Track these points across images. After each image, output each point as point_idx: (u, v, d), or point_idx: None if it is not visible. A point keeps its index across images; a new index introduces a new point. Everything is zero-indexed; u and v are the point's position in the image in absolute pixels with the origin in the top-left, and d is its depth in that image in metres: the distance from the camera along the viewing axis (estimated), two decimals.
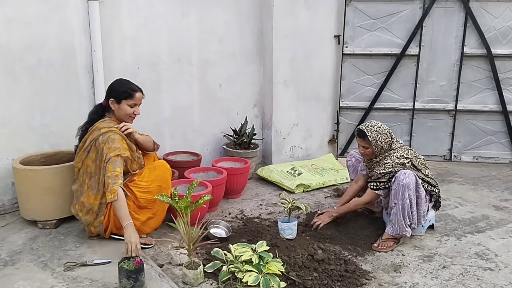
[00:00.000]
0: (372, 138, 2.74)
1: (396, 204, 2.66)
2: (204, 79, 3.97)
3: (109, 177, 2.47)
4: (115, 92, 2.66)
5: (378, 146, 2.76)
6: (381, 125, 2.81)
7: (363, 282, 2.34)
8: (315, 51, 4.30)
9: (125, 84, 2.68)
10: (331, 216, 2.88)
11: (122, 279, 2.11)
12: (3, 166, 3.04)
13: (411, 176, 2.63)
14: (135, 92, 2.66)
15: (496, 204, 3.50)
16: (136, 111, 2.70)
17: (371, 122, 2.83)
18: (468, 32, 4.25)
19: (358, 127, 2.85)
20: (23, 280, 2.23)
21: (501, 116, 4.42)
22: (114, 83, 2.72)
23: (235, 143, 3.97)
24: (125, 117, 2.68)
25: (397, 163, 2.72)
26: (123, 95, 2.63)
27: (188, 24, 3.77)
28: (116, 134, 2.57)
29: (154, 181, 2.66)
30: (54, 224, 2.83)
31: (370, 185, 2.79)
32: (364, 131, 2.77)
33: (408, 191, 2.62)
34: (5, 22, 2.92)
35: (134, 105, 2.68)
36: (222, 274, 2.16)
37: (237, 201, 3.50)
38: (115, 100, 2.65)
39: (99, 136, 2.57)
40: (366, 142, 2.79)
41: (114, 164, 2.49)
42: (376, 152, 2.79)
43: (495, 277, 2.42)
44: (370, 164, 2.90)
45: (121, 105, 2.64)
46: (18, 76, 3.02)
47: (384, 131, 2.77)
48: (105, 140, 2.53)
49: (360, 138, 2.82)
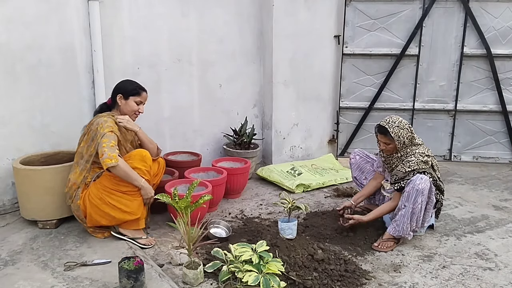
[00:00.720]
0: (395, 133, 2.70)
1: (406, 207, 2.63)
2: (204, 79, 3.98)
3: (104, 147, 2.53)
4: (123, 88, 2.79)
5: (400, 141, 2.71)
6: (402, 120, 2.76)
7: (363, 282, 2.34)
8: (315, 51, 4.30)
9: (133, 83, 2.83)
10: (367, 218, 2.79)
11: (122, 279, 2.12)
12: (3, 166, 3.04)
13: (426, 182, 2.60)
14: (143, 91, 2.83)
15: (496, 204, 3.50)
16: (141, 109, 2.83)
17: (391, 117, 2.78)
18: (468, 32, 4.26)
19: (378, 123, 2.80)
20: (23, 280, 2.24)
21: (500, 116, 4.43)
22: (123, 81, 2.85)
23: (235, 143, 3.97)
24: (130, 113, 2.80)
25: (421, 160, 2.68)
26: (132, 92, 2.78)
27: (188, 24, 3.78)
28: (109, 119, 2.67)
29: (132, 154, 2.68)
30: (54, 224, 2.83)
31: (396, 186, 2.73)
32: (385, 127, 2.73)
33: (422, 196, 2.60)
34: (5, 22, 2.92)
35: (140, 103, 2.82)
36: (222, 274, 2.16)
37: (237, 201, 3.51)
38: (123, 96, 2.77)
39: (95, 120, 2.67)
40: (388, 138, 2.74)
41: (109, 137, 2.58)
42: (398, 148, 2.75)
43: (495, 277, 2.42)
44: (390, 160, 2.84)
45: (128, 101, 2.78)
46: (18, 76, 3.02)
47: (406, 125, 2.74)
48: (99, 122, 2.64)
49: (382, 135, 2.78)
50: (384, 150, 2.83)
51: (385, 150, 2.84)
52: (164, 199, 2.35)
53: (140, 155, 2.66)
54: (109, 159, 2.50)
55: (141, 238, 2.68)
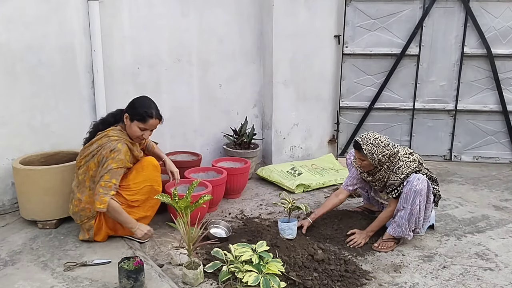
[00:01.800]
0: (368, 151, 2.65)
1: (405, 208, 2.62)
2: (204, 79, 3.97)
3: (101, 186, 2.49)
4: (131, 109, 2.62)
5: (374, 159, 2.66)
6: (379, 137, 2.69)
7: (363, 282, 2.33)
8: (315, 51, 4.30)
9: (145, 106, 2.60)
10: (367, 236, 2.76)
11: (122, 279, 2.11)
12: (3, 166, 3.04)
13: (424, 182, 2.59)
14: (150, 118, 2.59)
15: (496, 204, 3.50)
16: (145, 135, 2.64)
17: (368, 134, 2.73)
18: (468, 32, 4.25)
19: (355, 138, 2.76)
20: (23, 280, 2.23)
21: (501, 116, 4.42)
22: (137, 99, 2.67)
23: (235, 143, 3.97)
24: (133, 137, 2.65)
25: (409, 161, 2.67)
26: (137, 116, 2.58)
27: (188, 24, 3.77)
28: (123, 145, 2.55)
29: (144, 181, 2.63)
30: (54, 224, 2.83)
31: (393, 195, 2.70)
32: (359, 143, 2.69)
33: (420, 197, 2.59)
34: (5, 22, 2.91)
35: (144, 129, 2.62)
36: (222, 274, 2.16)
37: (237, 201, 3.50)
38: (129, 117, 2.61)
39: (108, 143, 2.55)
40: (361, 155, 2.70)
41: (112, 174, 2.50)
42: (374, 164, 2.70)
43: (495, 277, 2.42)
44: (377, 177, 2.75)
45: (132, 124, 2.60)
46: (18, 76, 3.02)
47: (381, 144, 2.66)
48: (112, 147, 2.52)
49: (356, 150, 2.74)
50: (360, 165, 2.78)
51: (361, 166, 2.78)
52: (164, 200, 2.35)
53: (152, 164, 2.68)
54: (99, 203, 2.47)
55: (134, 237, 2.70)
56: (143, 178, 2.64)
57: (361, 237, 2.74)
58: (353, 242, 2.73)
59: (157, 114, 2.63)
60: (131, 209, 2.63)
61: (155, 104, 2.67)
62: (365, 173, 2.84)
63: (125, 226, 2.59)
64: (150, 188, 2.65)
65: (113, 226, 2.63)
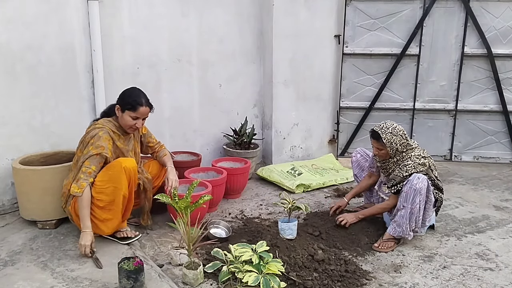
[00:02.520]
0: (387, 140, 2.68)
1: (405, 208, 2.63)
2: (204, 79, 3.97)
3: (82, 172, 2.51)
4: (121, 100, 2.66)
5: (393, 148, 2.69)
6: (396, 126, 2.73)
7: (363, 282, 2.33)
8: (315, 51, 4.30)
9: (134, 95, 2.64)
10: (357, 217, 2.85)
11: (122, 279, 2.11)
12: (3, 166, 3.04)
13: (424, 182, 2.59)
14: (140, 106, 2.61)
15: (497, 204, 3.49)
16: (138, 123, 2.65)
17: (386, 123, 2.76)
18: (469, 32, 4.25)
19: (372, 128, 2.78)
20: (23, 280, 2.23)
21: (501, 116, 4.42)
22: (126, 90, 2.71)
23: (235, 143, 3.97)
24: (126, 128, 2.67)
25: (418, 163, 2.67)
26: (127, 106, 2.61)
27: (188, 24, 3.77)
28: (105, 133, 2.58)
29: (108, 181, 2.53)
30: (54, 224, 2.83)
31: (393, 190, 2.73)
32: (378, 133, 2.71)
33: (420, 196, 2.59)
34: (5, 22, 2.91)
35: (136, 118, 2.63)
36: (222, 274, 2.16)
37: (237, 201, 3.50)
38: (120, 108, 2.64)
39: (92, 130, 2.61)
40: (380, 144, 2.72)
41: (92, 161, 2.52)
42: (391, 154, 2.73)
43: (496, 277, 2.41)
44: (386, 165, 2.82)
45: (124, 115, 2.63)
46: (18, 76, 3.02)
47: (399, 132, 2.70)
48: (93, 135, 2.56)
49: (374, 140, 2.76)
50: (377, 155, 2.82)
51: (378, 155, 2.82)
52: (164, 200, 2.34)
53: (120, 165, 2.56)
54: (77, 188, 2.47)
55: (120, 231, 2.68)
56: (107, 178, 2.55)
57: (349, 217, 2.84)
58: (341, 219, 2.84)
59: (147, 102, 2.66)
60: (96, 209, 2.55)
61: (144, 94, 2.70)
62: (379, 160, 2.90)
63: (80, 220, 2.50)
64: (114, 190, 2.53)
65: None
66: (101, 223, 2.57)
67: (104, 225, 2.58)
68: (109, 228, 2.60)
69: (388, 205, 2.80)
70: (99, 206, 2.55)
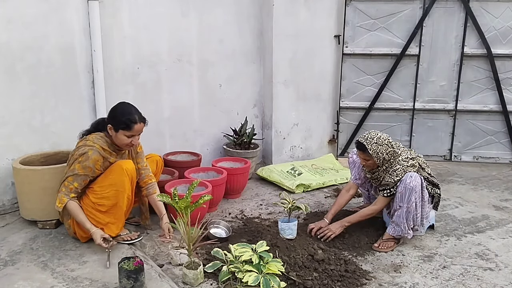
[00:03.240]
0: (373, 151, 2.65)
1: (401, 207, 2.63)
2: (204, 79, 3.97)
3: (64, 186, 2.49)
4: (113, 119, 2.54)
5: (379, 158, 2.67)
6: (381, 135, 2.70)
7: (363, 282, 2.34)
8: (315, 51, 4.30)
9: (126, 113, 2.52)
10: (343, 226, 2.77)
11: (122, 279, 2.11)
12: (3, 166, 3.04)
13: (417, 179, 2.60)
14: (134, 124, 2.51)
15: (496, 204, 3.50)
16: (134, 141, 2.56)
17: (370, 133, 2.73)
18: (468, 32, 4.25)
19: (357, 139, 2.76)
20: (23, 280, 2.23)
21: (501, 116, 4.42)
22: (117, 108, 2.59)
23: (235, 143, 3.97)
24: (122, 146, 2.61)
25: (406, 166, 2.66)
26: (121, 125, 2.50)
27: (188, 24, 3.77)
28: (94, 153, 2.49)
29: (109, 186, 2.52)
30: (54, 224, 2.83)
31: (384, 193, 2.72)
32: (363, 144, 2.68)
33: (415, 194, 2.59)
34: (5, 22, 2.91)
35: (132, 136, 2.54)
36: (222, 274, 2.16)
37: (237, 201, 3.50)
38: (113, 127, 2.53)
39: (82, 146, 2.52)
40: (366, 155, 2.70)
41: (75, 178, 2.49)
42: (379, 163, 2.70)
43: (495, 277, 2.42)
44: (376, 175, 2.79)
45: (118, 134, 2.53)
46: (18, 76, 3.02)
47: (384, 141, 2.67)
48: (82, 152, 2.48)
49: (360, 151, 2.73)
50: (365, 165, 2.79)
51: (365, 166, 2.79)
52: (164, 199, 2.35)
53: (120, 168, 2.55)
54: (58, 202, 2.48)
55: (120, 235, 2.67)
56: (109, 182, 2.53)
57: (334, 228, 2.75)
58: (326, 236, 2.72)
59: (140, 117, 2.56)
60: (98, 213, 2.55)
61: (136, 108, 2.59)
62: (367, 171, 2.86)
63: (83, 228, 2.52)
64: (116, 193, 2.52)
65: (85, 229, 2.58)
66: (104, 227, 2.57)
67: (108, 229, 2.57)
68: (113, 231, 2.59)
69: (374, 210, 2.76)
70: (102, 211, 2.56)
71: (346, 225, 2.78)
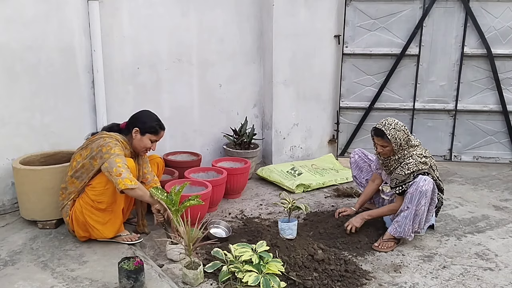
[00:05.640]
0: (391, 136, 2.68)
1: (409, 209, 2.62)
2: (204, 79, 3.97)
3: (120, 167, 2.44)
4: (142, 123, 2.64)
5: (397, 143, 2.69)
6: (398, 121, 2.75)
7: (363, 282, 2.33)
8: (315, 51, 4.30)
9: (154, 119, 2.69)
10: (363, 218, 2.80)
11: (122, 279, 2.11)
12: (3, 166, 3.04)
13: (430, 184, 2.59)
14: (162, 129, 2.69)
15: (496, 204, 3.50)
16: (154, 147, 2.70)
17: (387, 119, 2.77)
18: (468, 32, 4.25)
19: (374, 126, 2.79)
20: (23, 280, 2.23)
21: (501, 116, 4.42)
22: (143, 114, 2.71)
23: (235, 143, 3.97)
24: (141, 149, 2.67)
25: (419, 161, 2.66)
26: (150, 129, 2.64)
27: (188, 24, 3.77)
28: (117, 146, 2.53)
29: (109, 182, 2.50)
30: (54, 224, 2.83)
31: (397, 191, 2.71)
32: (382, 130, 2.71)
33: (425, 198, 2.59)
34: (5, 22, 2.91)
35: (155, 141, 2.68)
36: (222, 274, 2.16)
37: (237, 201, 3.50)
38: (140, 130, 2.63)
39: (100, 139, 2.54)
40: (385, 141, 2.72)
41: (123, 159, 2.48)
42: (395, 150, 2.72)
43: (495, 277, 2.42)
44: (388, 163, 2.81)
45: (144, 138, 2.63)
46: (18, 76, 3.02)
47: (402, 127, 2.73)
48: (105, 144, 2.50)
49: (378, 137, 2.75)
50: (381, 153, 2.80)
51: (382, 153, 2.81)
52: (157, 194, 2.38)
53: None
54: (130, 180, 2.42)
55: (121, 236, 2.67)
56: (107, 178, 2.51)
57: (355, 221, 2.79)
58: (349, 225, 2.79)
59: (163, 125, 2.73)
60: (97, 212, 2.54)
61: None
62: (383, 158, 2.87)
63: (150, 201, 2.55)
64: (115, 190, 2.51)
65: (84, 228, 2.57)
66: (103, 226, 2.57)
67: (106, 229, 2.58)
68: (111, 231, 2.60)
69: (395, 207, 2.76)
70: (101, 209, 2.55)
71: (366, 218, 2.82)
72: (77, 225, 2.57)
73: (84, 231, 2.58)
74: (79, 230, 2.59)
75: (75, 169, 2.58)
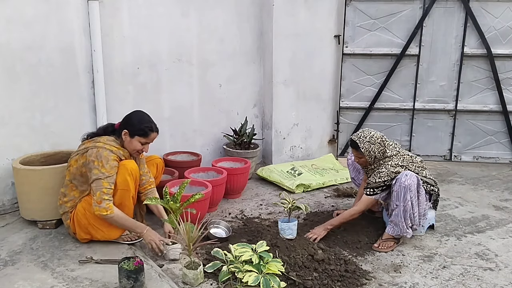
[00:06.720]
0: (365, 149, 2.73)
1: (398, 206, 2.64)
2: (204, 79, 3.97)
3: (104, 193, 2.42)
4: (131, 125, 2.58)
5: (371, 156, 2.75)
6: (374, 134, 2.77)
7: (363, 282, 2.34)
8: (315, 51, 4.30)
9: (145, 121, 2.60)
10: (326, 229, 2.77)
11: (122, 279, 2.11)
12: (3, 166, 3.04)
13: (412, 178, 2.61)
14: (152, 132, 2.59)
15: (496, 204, 3.50)
16: (146, 148, 2.63)
17: (363, 131, 2.80)
18: (468, 32, 4.25)
19: (351, 137, 2.84)
20: (23, 280, 2.23)
21: (501, 116, 4.42)
22: (134, 115, 2.63)
23: (235, 143, 3.97)
24: (132, 152, 2.62)
25: (392, 171, 2.70)
26: (139, 132, 2.56)
27: (188, 24, 3.77)
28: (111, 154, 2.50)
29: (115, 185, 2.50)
30: (54, 224, 2.83)
31: (366, 192, 2.75)
32: (356, 142, 2.76)
33: (410, 193, 2.61)
34: (5, 22, 2.91)
35: (146, 143, 2.61)
36: (222, 274, 2.16)
37: (237, 201, 3.50)
38: (129, 133, 2.57)
39: (94, 148, 2.50)
40: (359, 153, 2.78)
41: (110, 180, 2.45)
42: (370, 161, 2.78)
43: (495, 277, 2.42)
44: (366, 170, 2.91)
45: (133, 140, 2.57)
46: (18, 76, 3.02)
47: (377, 140, 2.74)
48: (98, 156, 2.46)
49: (353, 149, 2.82)
50: (358, 162, 2.89)
51: (358, 163, 2.89)
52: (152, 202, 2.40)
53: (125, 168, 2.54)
54: (105, 210, 2.41)
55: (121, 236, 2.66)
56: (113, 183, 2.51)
57: (318, 231, 2.75)
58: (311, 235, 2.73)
59: (156, 127, 2.64)
60: None
61: (151, 118, 2.67)
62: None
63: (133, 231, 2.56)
64: (121, 192, 2.52)
65: (86, 230, 2.57)
66: (109, 228, 2.57)
67: (112, 231, 2.58)
68: (117, 233, 2.61)
69: (356, 211, 2.78)
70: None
71: (328, 227, 2.78)
72: (79, 227, 2.57)
73: (86, 233, 2.58)
74: (80, 233, 2.59)
75: (73, 174, 2.59)
